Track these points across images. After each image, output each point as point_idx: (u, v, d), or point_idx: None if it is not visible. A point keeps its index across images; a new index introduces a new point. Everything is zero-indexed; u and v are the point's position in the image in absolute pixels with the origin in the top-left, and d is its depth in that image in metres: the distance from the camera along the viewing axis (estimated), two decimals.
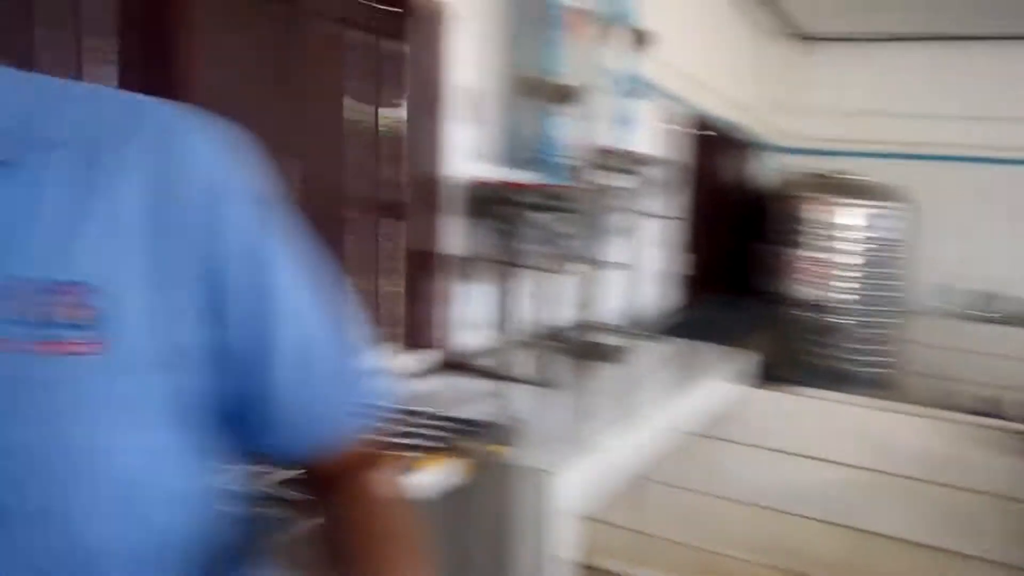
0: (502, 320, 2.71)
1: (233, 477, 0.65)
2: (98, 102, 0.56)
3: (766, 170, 5.83)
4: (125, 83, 1.57)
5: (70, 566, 0.52)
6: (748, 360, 3.55)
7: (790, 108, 5.90)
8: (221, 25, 1.79)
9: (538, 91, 2.74)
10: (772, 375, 3.63)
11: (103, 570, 0.53)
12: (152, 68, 1.62)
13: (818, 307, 4.84)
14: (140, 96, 0.58)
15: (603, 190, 3.08)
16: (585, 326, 3.03)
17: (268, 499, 1.12)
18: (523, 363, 2.59)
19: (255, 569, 0.68)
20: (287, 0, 1.99)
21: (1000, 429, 3.37)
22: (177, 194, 0.54)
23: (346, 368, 0.67)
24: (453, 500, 1.67)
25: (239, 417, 0.61)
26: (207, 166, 0.56)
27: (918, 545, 3.10)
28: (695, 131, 4.39)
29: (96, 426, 0.51)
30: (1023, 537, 2.46)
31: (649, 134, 3.75)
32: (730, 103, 4.88)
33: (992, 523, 2.56)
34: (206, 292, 0.56)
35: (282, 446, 0.66)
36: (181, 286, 0.55)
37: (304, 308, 0.62)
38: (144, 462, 0.54)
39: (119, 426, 0.52)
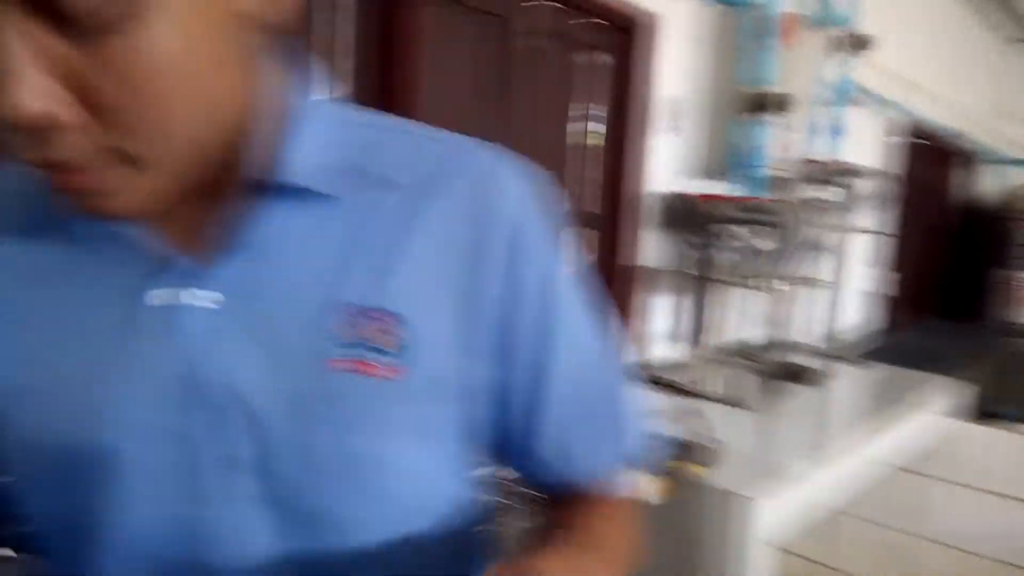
0: (694, 335, 2.66)
1: (477, 483, 0.67)
2: (422, 142, 0.60)
3: (989, 183, 5.34)
4: (360, 99, 1.68)
5: (336, 567, 0.56)
6: (961, 391, 3.26)
7: (1019, 115, 5.36)
8: (443, 44, 1.87)
9: (746, 101, 2.65)
10: (988, 409, 3.32)
11: (364, 573, 0.57)
12: (383, 86, 1.73)
13: None
14: (461, 138, 0.61)
15: (807, 203, 2.94)
16: (782, 345, 2.91)
17: (501, 504, 1.16)
18: (715, 381, 2.53)
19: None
20: (502, 17, 2.04)
21: None
22: (488, 237, 0.57)
23: (616, 407, 0.68)
24: (647, 519, 1.66)
25: (508, 445, 0.64)
26: (517, 213, 0.59)
27: None
28: (911, 139, 4.10)
29: (383, 444, 0.55)
30: None
31: (861, 143, 3.55)
32: (951, 110, 4.52)
33: None
34: (500, 331, 0.58)
35: (544, 475, 0.67)
36: (480, 325, 0.58)
37: (583, 351, 0.64)
38: (419, 480, 0.58)
39: (403, 446, 0.56)
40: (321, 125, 0.56)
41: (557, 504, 0.70)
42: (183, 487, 0.54)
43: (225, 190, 0.54)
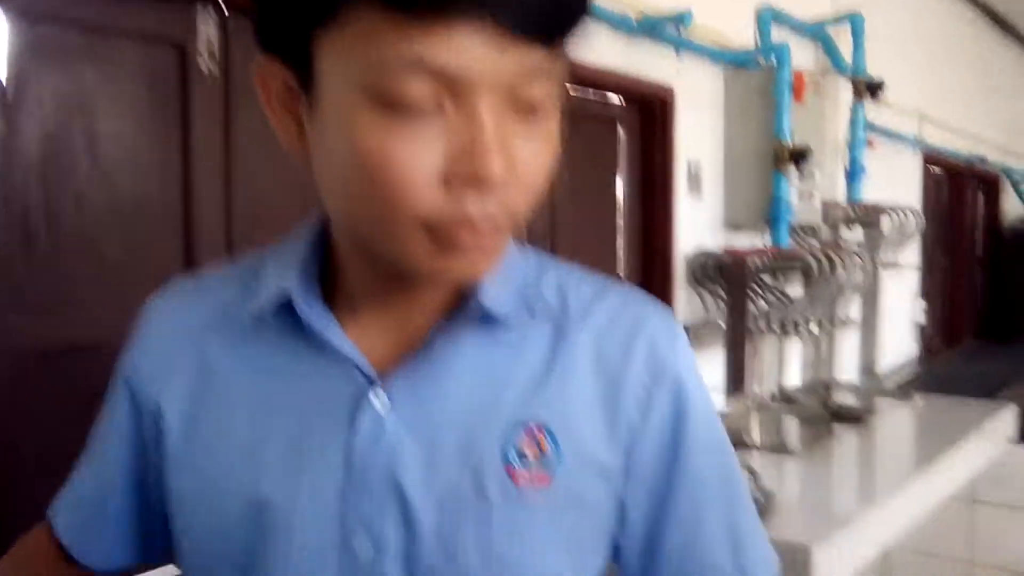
0: (734, 386, 2.74)
1: None
2: (573, 280, 0.68)
3: (1017, 200, 5.37)
4: None
5: None
6: (1010, 416, 3.29)
7: None
8: None
9: (768, 155, 2.78)
10: None
11: None
12: None
13: None
14: (606, 278, 0.69)
15: (837, 248, 3.04)
16: (823, 388, 2.98)
17: None
18: (759, 430, 2.60)
19: None
20: None
21: None
22: (631, 367, 0.64)
23: (738, 536, 0.67)
24: None
25: (630, 567, 0.68)
26: (649, 345, 0.64)
27: None
28: (934, 169, 4.18)
29: (525, 548, 0.61)
30: None
31: (884, 182, 3.64)
32: (970, 135, 4.59)
33: None
34: (625, 453, 0.63)
35: None
36: (609, 444, 0.63)
37: (706, 483, 0.66)
38: None
39: (544, 553, 0.61)
40: (508, 252, 0.64)
41: None
42: (336, 565, 0.60)
43: (426, 305, 0.62)
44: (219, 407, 0.64)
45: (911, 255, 3.84)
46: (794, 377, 3.06)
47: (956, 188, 4.59)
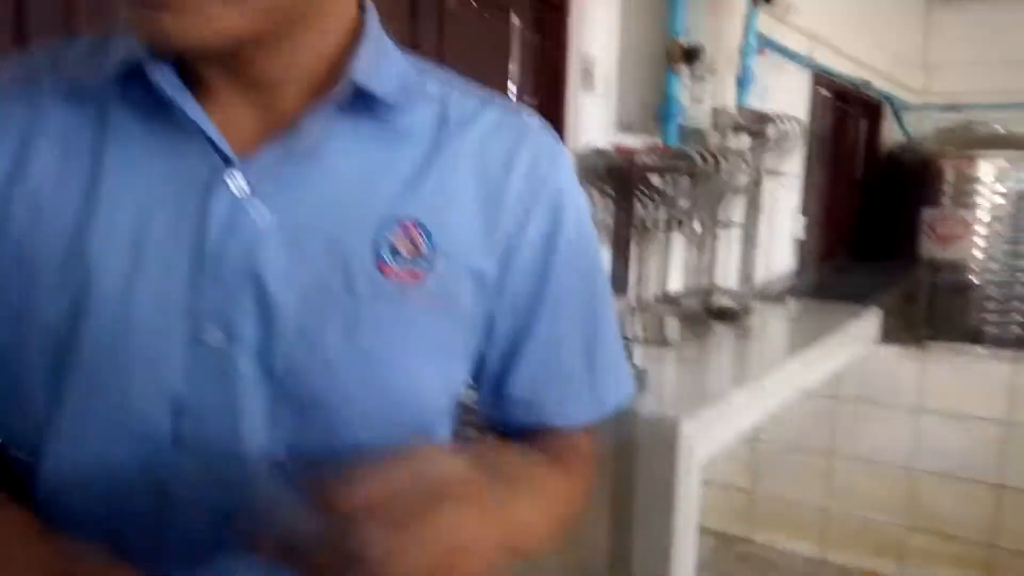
0: (618, 285, 2.79)
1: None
2: (454, 82, 0.66)
3: (897, 127, 5.60)
4: None
5: (320, 458, 0.58)
6: (874, 319, 3.49)
7: (922, 63, 5.63)
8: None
9: (662, 55, 2.77)
10: (900, 335, 3.56)
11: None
12: None
13: (952, 266, 4.64)
14: (484, 88, 0.68)
15: (724, 152, 3.09)
16: (703, 289, 3.07)
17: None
18: (640, 326, 2.67)
19: None
20: None
21: None
22: (512, 175, 0.63)
23: (595, 356, 0.69)
24: None
25: (484, 379, 0.68)
26: (532, 158, 0.64)
27: None
28: (821, 89, 4.29)
29: (392, 345, 0.59)
30: None
31: (774, 94, 3.70)
32: (857, 60, 4.72)
33: None
34: (500, 264, 0.63)
35: (511, 418, 0.69)
36: (485, 252, 0.62)
37: (574, 300, 0.67)
38: (419, 388, 0.62)
39: (411, 351, 0.60)
40: (386, 42, 0.62)
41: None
42: (182, 359, 0.55)
43: (291, 88, 0.58)
44: (44, 174, 0.57)
45: (794, 168, 3.96)
46: (677, 283, 3.13)
47: (841, 111, 4.74)
